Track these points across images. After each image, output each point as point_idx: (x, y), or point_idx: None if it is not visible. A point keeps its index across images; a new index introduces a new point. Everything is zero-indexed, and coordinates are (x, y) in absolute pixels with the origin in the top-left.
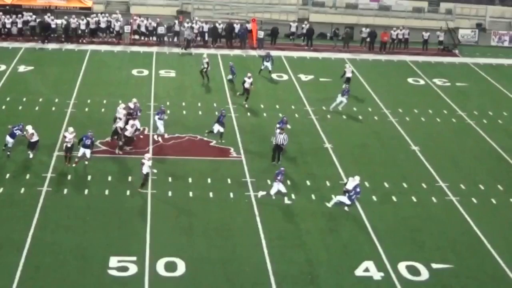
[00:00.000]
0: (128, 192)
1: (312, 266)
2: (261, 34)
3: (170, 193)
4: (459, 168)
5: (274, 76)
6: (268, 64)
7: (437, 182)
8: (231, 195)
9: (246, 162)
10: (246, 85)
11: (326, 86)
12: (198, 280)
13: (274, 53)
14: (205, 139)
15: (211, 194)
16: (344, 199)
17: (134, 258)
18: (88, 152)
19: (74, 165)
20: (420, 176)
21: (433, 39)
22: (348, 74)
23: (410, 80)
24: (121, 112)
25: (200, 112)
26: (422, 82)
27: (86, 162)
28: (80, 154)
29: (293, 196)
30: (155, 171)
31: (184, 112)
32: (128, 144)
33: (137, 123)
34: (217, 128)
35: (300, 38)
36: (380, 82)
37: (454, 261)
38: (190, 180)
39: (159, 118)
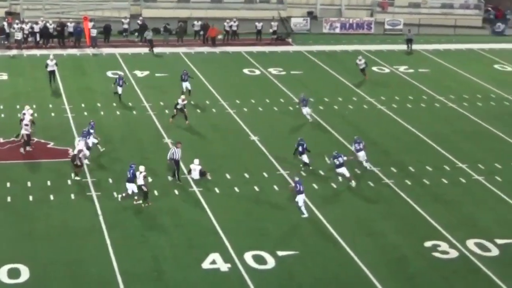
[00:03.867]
0: None
1: (158, 262)
2: (93, 32)
3: (9, 199)
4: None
5: (109, 73)
6: (187, 84)
7: (278, 171)
8: (73, 196)
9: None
10: (179, 107)
11: (162, 81)
12: (43, 285)
13: (107, 50)
14: (42, 141)
15: (52, 197)
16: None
17: None
18: (134, 187)
19: (136, 203)
20: (261, 166)
21: (266, 29)
22: (362, 66)
23: (245, 70)
24: (27, 118)
25: (36, 115)
26: (257, 72)
27: (140, 203)
28: (130, 191)
29: (135, 196)
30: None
31: (19, 115)
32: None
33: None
34: (304, 158)
35: (133, 34)
36: (216, 74)
37: (299, 247)
38: (29, 184)
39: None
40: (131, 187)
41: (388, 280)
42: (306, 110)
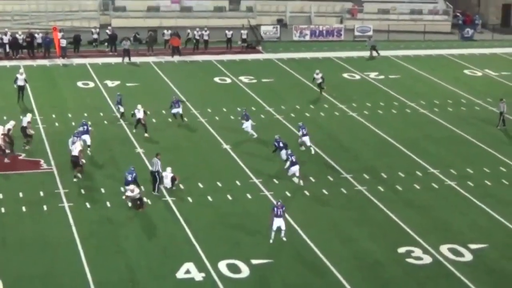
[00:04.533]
0: None
1: (132, 272)
2: (63, 42)
3: None
4: (272, 162)
5: (80, 84)
6: (179, 110)
7: (250, 179)
8: (45, 207)
9: (58, 173)
10: (139, 115)
11: (133, 91)
12: None
13: (78, 61)
14: (16, 153)
15: (24, 208)
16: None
17: None
18: (133, 188)
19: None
20: (234, 174)
21: (236, 37)
22: (319, 80)
23: (216, 79)
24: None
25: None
26: (228, 80)
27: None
28: (129, 193)
29: (108, 204)
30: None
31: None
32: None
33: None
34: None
35: (103, 44)
36: (187, 83)
37: (273, 256)
38: (1, 195)
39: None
40: (130, 189)
41: (362, 287)
42: (248, 124)
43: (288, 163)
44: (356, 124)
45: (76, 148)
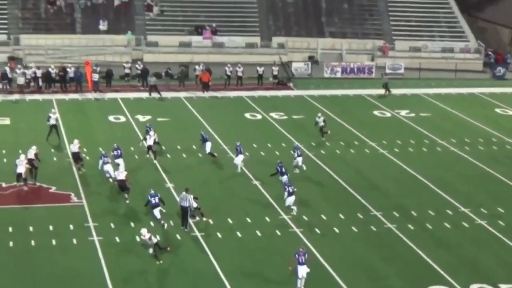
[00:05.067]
0: None
1: None
2: (95, 76)
3: (11, 244)
4: (301, 199)
5: (111, 118)
6: (207, 144)
7: (280, 215)
8: (75, 241)
9: (88, 206)
10: (149, 142)
11: (164, 126)
12: None
13: (110, 95)
14: (44, 185)
15: (53, 242)
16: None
17: None
18: (157, 211)
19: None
20: (263, 210)
21: (267, 73)
22: (321, 124)
23: (247, 115)
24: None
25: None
26: (259, 116)
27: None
28: (158, 216)
29: (137, 238)
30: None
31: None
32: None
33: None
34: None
35: (135, 79)
36: (218, 118)
37: None
38: (31, 228)
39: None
40: (157, 213)
41: None
42: (239, 159)
43: (285, 194)
44: (386, 162)
45: (122, 172)
